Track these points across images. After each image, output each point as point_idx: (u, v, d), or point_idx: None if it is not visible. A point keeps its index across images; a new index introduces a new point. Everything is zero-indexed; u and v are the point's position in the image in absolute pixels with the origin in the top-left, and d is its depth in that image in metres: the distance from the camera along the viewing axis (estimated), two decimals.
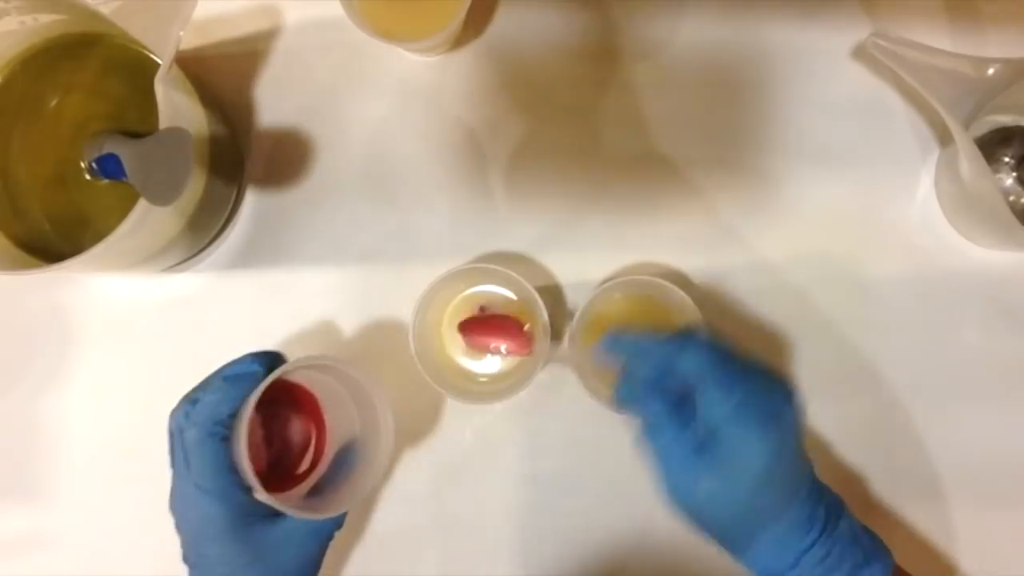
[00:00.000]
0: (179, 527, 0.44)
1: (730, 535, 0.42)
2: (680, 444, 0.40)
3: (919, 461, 0.55)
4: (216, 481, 0.42)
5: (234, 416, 0.43)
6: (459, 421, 0.56)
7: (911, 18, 0.57)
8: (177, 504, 0.44)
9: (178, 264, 0.58)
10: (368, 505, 0.56)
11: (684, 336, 0.42)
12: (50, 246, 0.52)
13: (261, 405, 0.42)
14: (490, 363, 0.55)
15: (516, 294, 0.54)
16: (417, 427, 0.56)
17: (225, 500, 0.42)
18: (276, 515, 0.44)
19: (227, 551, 0.42)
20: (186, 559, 0.44)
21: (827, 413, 0.55)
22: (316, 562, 0.45)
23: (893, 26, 0.57)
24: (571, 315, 0.56)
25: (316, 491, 0.47)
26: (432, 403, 0.56)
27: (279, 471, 0.48)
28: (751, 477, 0.39)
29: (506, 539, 0.55)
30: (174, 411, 0.44)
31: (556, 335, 0.55)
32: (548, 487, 0.56)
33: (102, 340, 0.58)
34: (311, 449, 0.49)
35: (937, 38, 0.56)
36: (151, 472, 0.56)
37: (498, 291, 0.55)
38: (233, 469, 0.42)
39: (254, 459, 0.43)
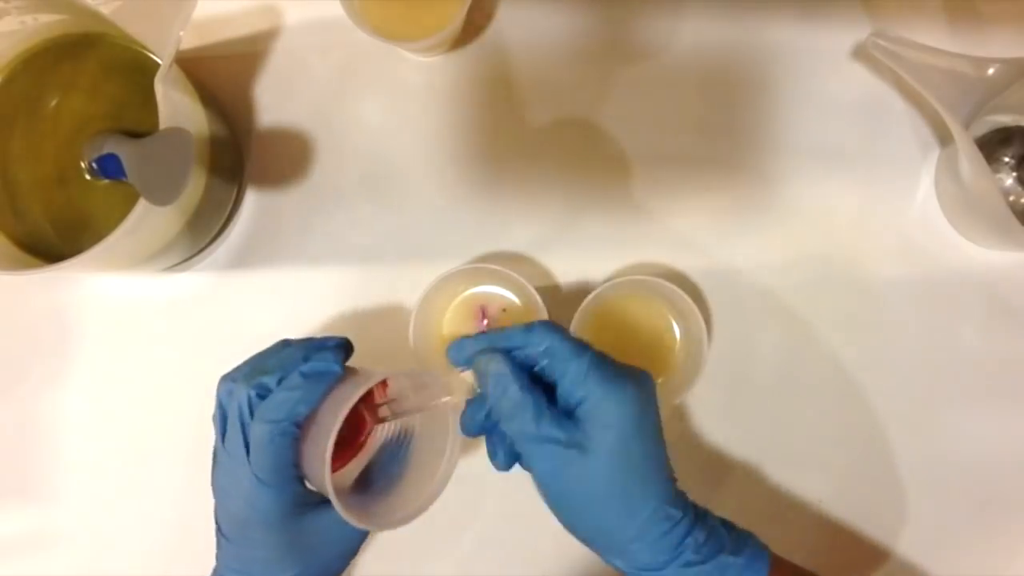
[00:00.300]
0: (221, 501, 0.43)
1: (608, 516, 0.40)
2: (544, 410, 0.40)
3: (918, 460, 0.55)
4: (277, 477, 0.40)
5: (308, 417, 0.41)
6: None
7: (911, 18, 0.57)
8: (223, 481, 0.42)
9: (178, 264, 0.58)
10: None
11: (527, 324, 0.42)
12: (50, 246, 0.52)
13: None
14: None
15: (516, 294, 0.54)
16: None
17: (281, 493, 0.41)
18: (324, 502, 0.43)
19: (271, 537, 0.41)
20: (221, 529, 0.43)
21: (826, 412, 0.55)
22: (355, 551, 0.45)
23: (893, 26, 0.57)
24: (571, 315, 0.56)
25: (365, 481, 0.46)
26: None
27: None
28: (622, 425, 0.39)
29: (507, 539, 0.55)
30: (229, 382, 0.42)
31: None
32: None
33: (102, 340, 0.58)
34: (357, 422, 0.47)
35: (937, 38, 0.56)
36: (151, 472, 0.57)
37: (498, 291, 0.55)
38: (294, 463, 0.41)
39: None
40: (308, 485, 0.43)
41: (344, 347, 0.44)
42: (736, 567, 0.40)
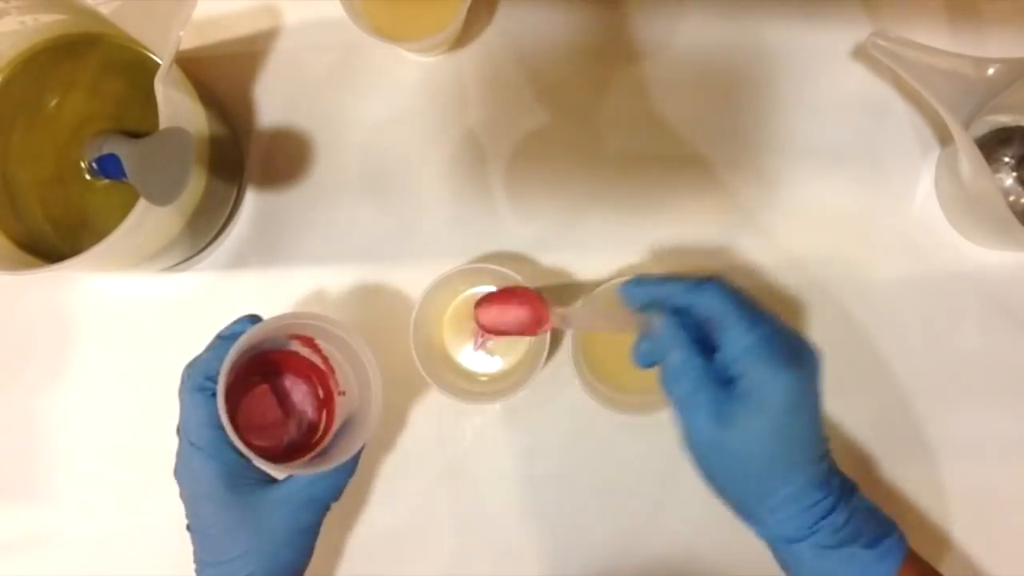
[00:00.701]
0: (180, 490, 0.45)
1: (749, 487, 0.41)
2: (704, 383, 0.40)
3: (918, 461, 0.55)
4: (204, 437, 0.43)
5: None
6: (459, 421, 0.56)
7: (911, 18, 0.57)
8: (178, 467, 0.44)
9: (178, 264, 0.58)
10: (367, 504, 0.56)
11: (706, 276, 0.42)
12: (50, 246, 0.52)
13: (278, 378, 0.43)
14: (490, 363, 0.55)
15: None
16: (417, 426, 0.56)
17: (216, 458, 0.42)
18: (271, 481, 0.45)
19: (217, 509, 0.43)
20: (189, 526, 0.45)
21: (824, 411, 0.55)
22: (309, 532, 0.45)
23: (893, 26, 0.57)
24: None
25: (316, 460, 0.47)
26: (432, 403, 0.56)
27: (303, 449, 0.49)
28: (776, 410, 0.38)
29: (506, 539, 0.55)
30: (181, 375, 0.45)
31: (555, 336, 0.55)
32: (548, 487, 0.56)
33: (102, 340, 0.58)
34: (322, 424, 0.50)
35: (937, 38, 0.56)
36: (150, 471, 0.56)
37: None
38: (223, 427, 0.42)
39: (272, 436, 0.44)
40: (254, 462, 0.43)
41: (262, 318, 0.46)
42: (864, 560, 0.40)
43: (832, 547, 0.40)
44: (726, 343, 0.40)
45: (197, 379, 0.43)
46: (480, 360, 0.55)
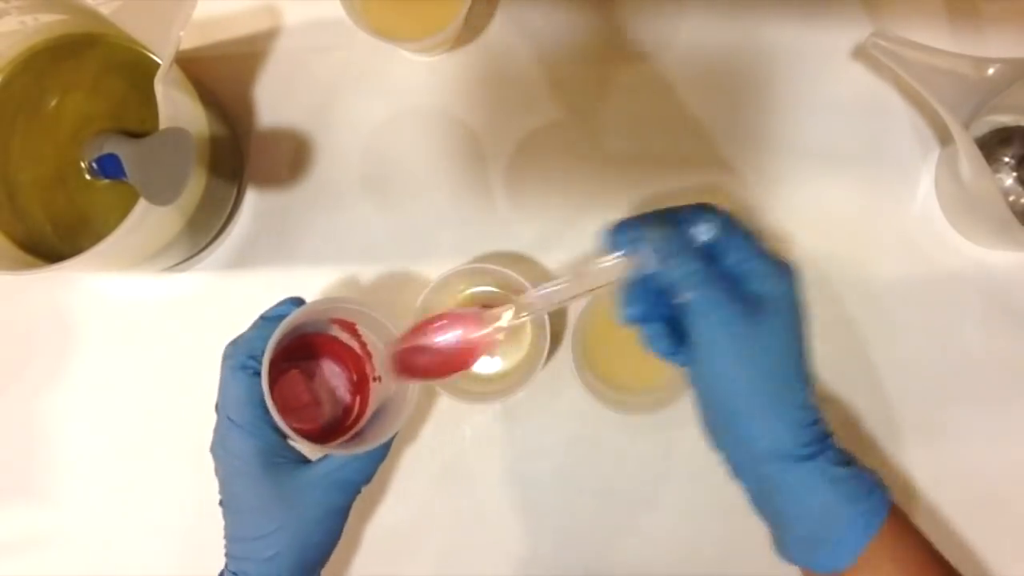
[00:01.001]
0: (215, 469, 0.45)
1: (764, 390, 0.39)
2: (714, 279, 0.38)
3: (917, 460, 0.55)
4: (244, 415, 0.43)
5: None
6: (459, 421, 0.56)
7: (911, 18, 0.57)
8: (214, 443, 0.45)
9: (178, 264, 0.58)
10: (368, 504, 0.56)
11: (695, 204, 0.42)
12: (50, 246, 0.52)
13: (312, 361, 0.45)
14: (490, 363, 0.55)
15: (516, 294, 0.54)
16: (417, 426, 0.56)
17: (253, 436, 0.43)
18: (305, 461, 0.45)
19: (252, 487, 0.43)
20: (221, 501, 0.45)
21: (825, 412, 0.55)
22: (340, 514, 0.46)
23: (893, 26, 0.57)
24: (570, 316, 0.56)
25: (351, 442, 0.48)
26: (432, 402, 0.56)
27: (336, 432, 0.49)
28: (787, 306, 0.39)
29: (506, 539, 0.55)
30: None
31: (555, 336, 0.55)
32: (547, 487, 0.56)
33: (102, 340, 0.58)
34: (356, 408, 0.50)
35: (937, 38, 0.56)
36: (151, 471, 0.57)
37: (498, 291, 0.55)
38: (262, 405, 0.42)
39: (306, 419, 0.45)
40: (291, 443, 0.45)
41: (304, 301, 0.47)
42: (869, 484, 0.40)
43: (843, 464, 0.39)
44: (729, 251, 0.39)
45: (240, 358, 0.44)
46: (480, 360, 0.55)
